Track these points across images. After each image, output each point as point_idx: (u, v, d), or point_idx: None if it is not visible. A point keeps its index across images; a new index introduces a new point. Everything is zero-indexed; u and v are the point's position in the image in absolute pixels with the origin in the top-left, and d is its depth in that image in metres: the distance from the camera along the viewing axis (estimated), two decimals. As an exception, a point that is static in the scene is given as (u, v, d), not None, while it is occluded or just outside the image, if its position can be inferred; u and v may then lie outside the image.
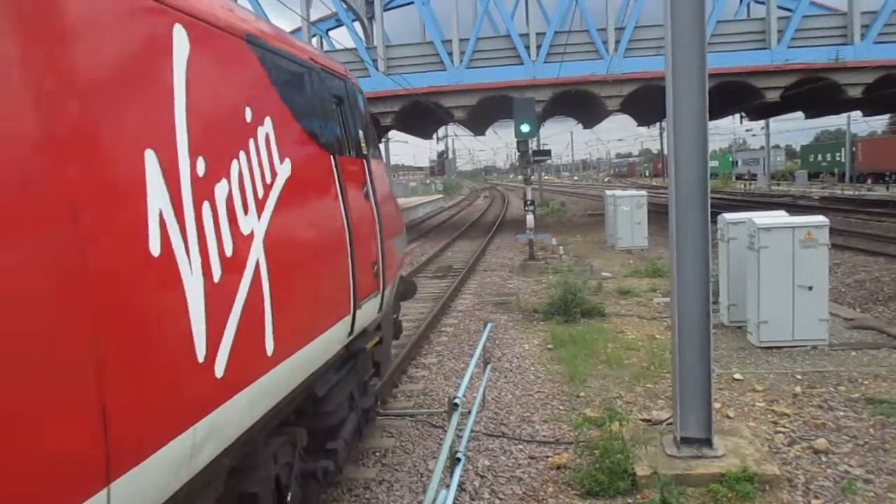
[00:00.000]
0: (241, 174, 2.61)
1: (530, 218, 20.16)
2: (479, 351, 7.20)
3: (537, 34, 29.85)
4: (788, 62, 28.51)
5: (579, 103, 35.36)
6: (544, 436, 7.37)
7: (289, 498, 3.21)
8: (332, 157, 3.98)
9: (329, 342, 3.66)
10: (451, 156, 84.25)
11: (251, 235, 2.66)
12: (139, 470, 1.99)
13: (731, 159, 79.08)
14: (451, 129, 63.53)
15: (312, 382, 3.64)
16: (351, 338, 4.22)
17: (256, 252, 2.67)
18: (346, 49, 29.18)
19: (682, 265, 6.32)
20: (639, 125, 50.91)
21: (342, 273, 3.86)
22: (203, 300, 2.23)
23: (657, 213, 30.59)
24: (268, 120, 2.93)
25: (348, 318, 3.99)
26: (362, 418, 4.83)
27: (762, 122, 61.38)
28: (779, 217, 8.96)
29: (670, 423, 6.80)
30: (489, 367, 8.00)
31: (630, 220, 22.95)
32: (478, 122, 41.54)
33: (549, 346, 11.09)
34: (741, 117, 44.32)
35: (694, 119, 6.10)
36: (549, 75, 29.38)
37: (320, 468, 3.67)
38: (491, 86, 30.06)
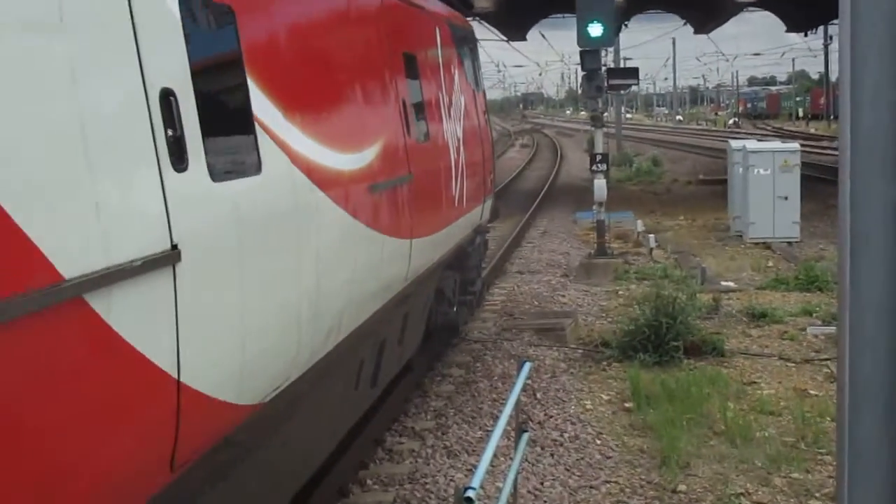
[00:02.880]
0: (453, 99, 11.61)
1: (600, 185, 20.15)
2: (508, 410, 7.24)
3: None
4: None
5: (689, -11, 35.31)
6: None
7: (454, 309, 12.62)
8: (474, 91, 13.22)
9: (474, 217, 12.40)
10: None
11: (459, 139, 11.59)
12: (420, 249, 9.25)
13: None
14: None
15: (464, 243, 11.70)
16: (480, 222, 13.03)
17: (458, 144, 11.35)
18: None
19: (860, 273, 6.31)
20: (788, 30, 50.88)
21: (482, 172, 13.32)
22: (454, 166, 11.14)
23: (817, 182, 30.64)
24: (457, 67, 11.64)
25: (480, 207, 12.90)
26: (482, 288, 15.54)
27: None
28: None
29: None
30: (525, 437, 8.00)
31: (770, 191, 22.99)
32: (513, 17, 41.52)
33: (628, 405, 11.21)
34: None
35: (890, 22, 6.06)
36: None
37: (468, 299, 13.93)
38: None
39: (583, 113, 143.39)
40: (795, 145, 24.49)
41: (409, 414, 11.09)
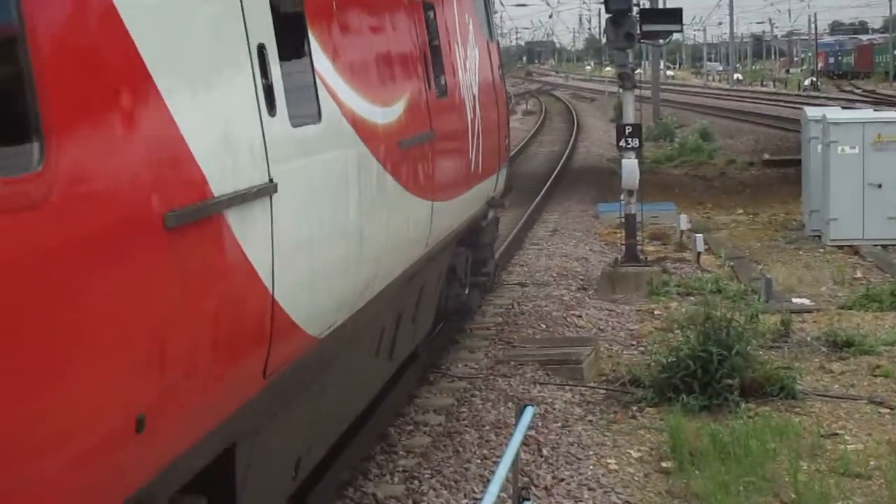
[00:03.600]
0: (468, 51, 14.65)
1: (631, 167, 20.21)
2: (503, 471, 7.33)
3: None
4: None
5: None
6: None
7: (467, 290, 15.70)
8: (488, 41, 16.52)
9: (488, 187, 15.53)
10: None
11: (474, 96, 14.46)
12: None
13: None
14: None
15: (477, 215, 14.89)
16: (493, 193, 16.03)
17: (473, 102, 14.21)
18: None
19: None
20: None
21: (498, 136, 16.29)
22: (470, 126, 13.93)
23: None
24: (470, 13, 14.91)
25: (495, 176, 16.11)
26: (494, 269, 18.75)
27: None
28: None
29: None
30: (526, 508, 8.06)
31: (859, 177, 23.09)
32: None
33: (666, 465, 11.23)
34: None
35: None
36: None
37: (481, 280, 17.05)
38: None
39: (608, 69, 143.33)
40: (893, 115, 24.60)
41: (370, 475, 11.08)
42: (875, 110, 28.13)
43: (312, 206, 7.45)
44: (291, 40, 7.58)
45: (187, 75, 5.69)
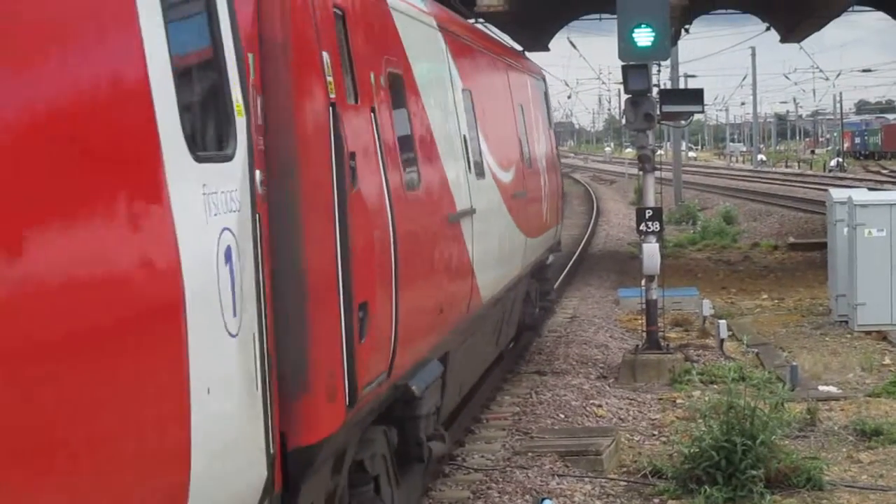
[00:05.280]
0: (540, 136, 23.02)
1: (651, 252, 20.21)
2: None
3: None
4: None
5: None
6: None
7: (537, 310, 23.15)
8: (550, 129, 25.85)
9: (551, 236, 23.67)
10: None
11: (544, 169, 22.56)
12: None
13: None
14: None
15: (543, 258, 22.80)
16: (553, 242, 24.50)
17: (543, 174, 22.24)
18: None
19: None
20: (911, 38, 51.23)
21: (558, 199, 25.28)
22: (543, 188, 22.11)
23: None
24: (539, 110, 23.43)
25: (556, 229, 25.02)
26: (555, 297, 28.47)
27: None
28: None
29: None
30: None
31: (888, 260, 23.07)
32: (531, 19, 41.96)
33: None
34: None
35: None
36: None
37: (546, 304, 25.02)
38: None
39: (628, 150, 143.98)
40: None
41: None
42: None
43: (487, 222, 14.74)
44: (474, 132, 14.85)
45: (448, 150, 12.74)
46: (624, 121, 22.58)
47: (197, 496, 5.95)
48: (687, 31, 47.06)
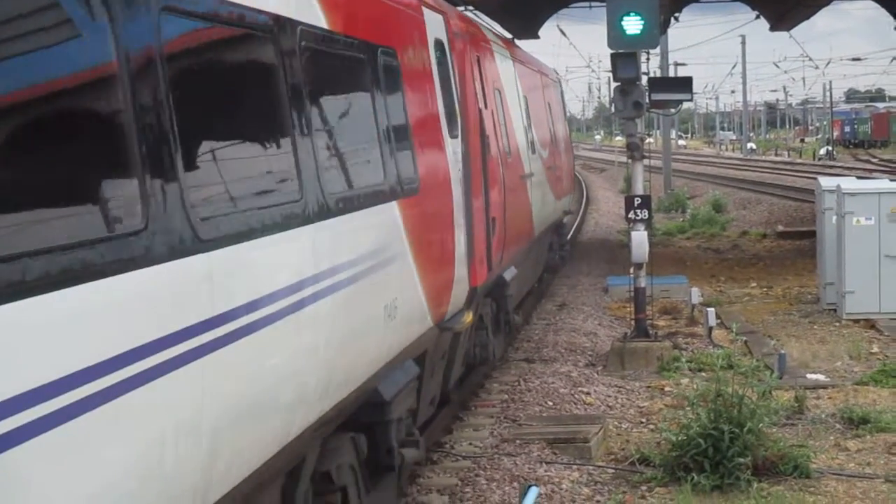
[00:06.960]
0: (561, 125, 35.30)
1: (640, 240, 20.26)
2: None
3: None
4: None
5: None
6: None
7: (557, 256, 33.37)
8: (566, 119, 42.44)
9: (566, 201, 35.13)
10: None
11: (563, 148, 34.30)
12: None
13: None
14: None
15: (560, 218, 33.12)
16: (567, 207, 36.91)
17: (564, 154, 34.44)
18: None
19: None
20: (901, 26, 51.40)
21: (571, 173, 39.50)
22: (565, 165, 34.33)
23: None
24: (559, 106, 35.25)
25: (570, 196, 38.34)
26: (569, 247, 40.77)
27: None
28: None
29: None
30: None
31: (875, 249, 23.11)
32: (521, 7, 41.94)
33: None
34: None
35: None
36: None
37: (563, 252, 35.42)
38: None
39: (618, 138, 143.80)
40: (910, 185, 24.61)
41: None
42: (891, 180, 28.11)
43: (538, 183, 23.14)
44: (529, 123, 23.07)
45: (521, 134, 21.63)
46: (613, 109, 22.58)
47: (455, 286, 13.33)
48: (677, 19, 47.14)
